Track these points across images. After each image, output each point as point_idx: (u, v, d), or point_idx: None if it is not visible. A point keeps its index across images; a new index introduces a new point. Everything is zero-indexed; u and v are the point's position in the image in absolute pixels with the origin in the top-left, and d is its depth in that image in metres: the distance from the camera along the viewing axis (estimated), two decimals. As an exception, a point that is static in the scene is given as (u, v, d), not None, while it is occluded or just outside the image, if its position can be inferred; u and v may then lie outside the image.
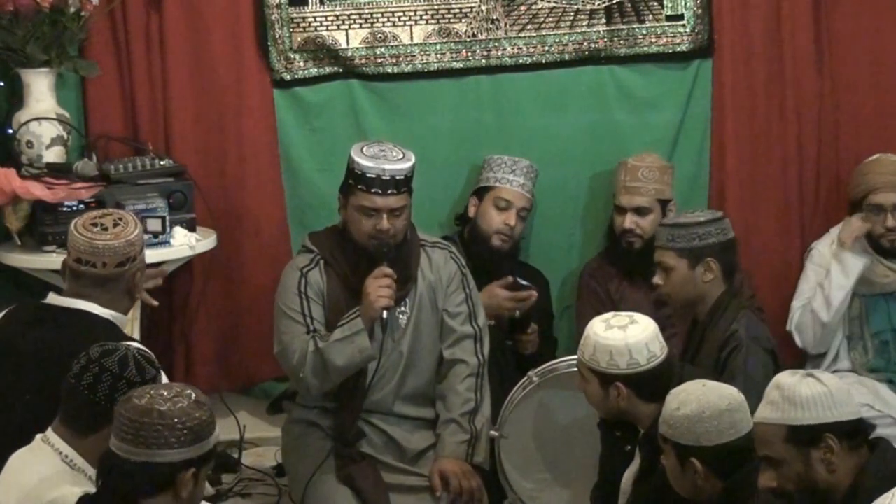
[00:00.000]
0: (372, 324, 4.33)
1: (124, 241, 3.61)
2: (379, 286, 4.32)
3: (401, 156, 4.43)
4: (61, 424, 3.18)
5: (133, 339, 3.69)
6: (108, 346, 3.18)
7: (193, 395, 2.94)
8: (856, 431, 3.11)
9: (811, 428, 3.06)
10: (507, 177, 5.02)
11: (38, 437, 3.19)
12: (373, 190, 4.37)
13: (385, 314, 4.33)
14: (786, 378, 3.12)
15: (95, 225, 3.63)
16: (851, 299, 5.08)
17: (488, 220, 4.99)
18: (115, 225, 3.63)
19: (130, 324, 4.30)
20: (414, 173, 4.45)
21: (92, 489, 3.07)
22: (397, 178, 4.38)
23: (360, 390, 4.44)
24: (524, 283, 4.84)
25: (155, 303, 4.23)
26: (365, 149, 4.44)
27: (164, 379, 3.39)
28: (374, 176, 4.36)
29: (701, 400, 3.35)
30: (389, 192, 4.37)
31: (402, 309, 4.50)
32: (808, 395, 3.07)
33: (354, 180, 4.40)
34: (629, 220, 5.02)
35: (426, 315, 4.53)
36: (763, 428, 3.12)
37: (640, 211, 5.02)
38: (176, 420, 2.87)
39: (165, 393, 2.93)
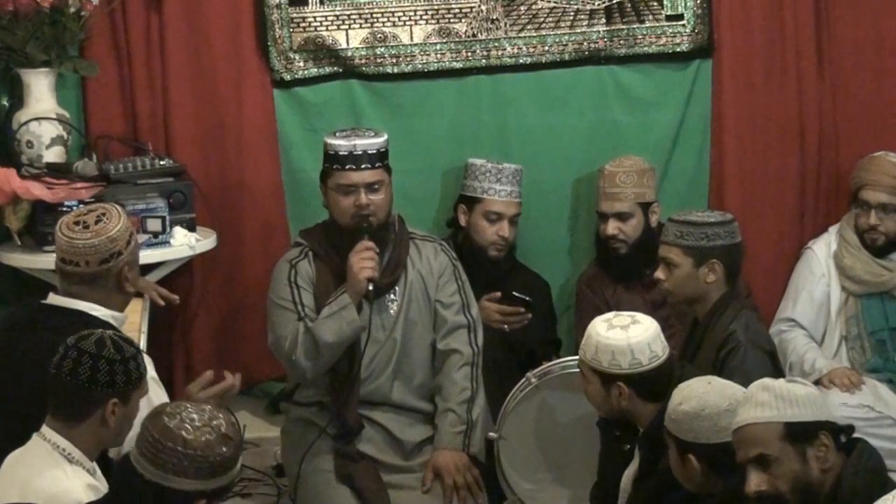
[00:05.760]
0: (359, 298, 4.36)
1: (105, 238, 3.57)
2: (361, 258, 4.35)
3: (372, 133, 4.52)
4: (52, 417, 3.18)
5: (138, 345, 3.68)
6: (83, 333, 3.18)
7: (223, 428, 2.89)
8: (841, 433, 3.14)
9: (808, 425, 3.08)
10: (493, 187, 4.99)
11: (35, 434, 3.19)
12: (347, 166, 4.44)
13: (371, 286, 4.35)
14: (770, 382, 3.14)
15: (78, 223, 3.59)
16: (847, 299, 5.10)
17: (481, 233, 4.98)
18: (98, 221, 3.58)
19: (139, 314, 4.29)
20: (388, 149, 4.50)
21: (91, 481, 3.09)
22: (369, 151, 4.45)
23: (355, 378, 4.44)
24: (520, 296, 4.82)
25: (162, 302, 4.24)
26: (337, 132, 4.54)
27: (147, 361, 3.38)
28: (346, 153, 4.44)
29: (702, 397, 3.35)
30: (363, 166, 4.43)
31: (393, 297, 4.52)
32: (803, 393, 3.10)
33: (329, 162, 4.49)
34: (612, 227, 5.01)
35: (417, 304, 4.55)
36: (755, 428, 3.11)
37: (622, 216, 5.01)
38: (199, 453, 2.83)
39: (196, 419, 2.87)
